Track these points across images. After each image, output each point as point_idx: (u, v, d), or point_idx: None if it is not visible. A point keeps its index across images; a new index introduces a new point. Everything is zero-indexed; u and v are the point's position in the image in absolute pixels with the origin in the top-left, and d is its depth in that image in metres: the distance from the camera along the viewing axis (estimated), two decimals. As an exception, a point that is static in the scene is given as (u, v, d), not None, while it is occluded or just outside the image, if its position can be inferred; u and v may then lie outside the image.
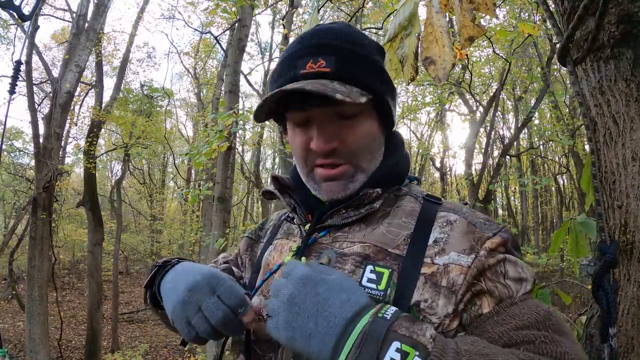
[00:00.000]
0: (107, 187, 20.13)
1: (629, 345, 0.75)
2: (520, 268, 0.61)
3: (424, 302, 0.59)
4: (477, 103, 8.53)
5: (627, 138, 0.78)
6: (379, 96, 0.67)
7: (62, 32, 14.24)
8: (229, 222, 5.44)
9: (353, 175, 0.68)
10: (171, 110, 17.24)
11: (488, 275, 0.59)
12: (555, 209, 17.09)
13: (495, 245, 0.61)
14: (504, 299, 0.58)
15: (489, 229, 0.64)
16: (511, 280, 0.60)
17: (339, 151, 0.66)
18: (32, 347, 5.76)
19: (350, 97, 0.60)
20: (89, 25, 6.78)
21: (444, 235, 0.64)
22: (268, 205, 13.72)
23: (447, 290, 0.59)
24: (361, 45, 0.68)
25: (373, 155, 0.70)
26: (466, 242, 0.62)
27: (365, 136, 0.67)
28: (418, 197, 0.72)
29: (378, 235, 0.66)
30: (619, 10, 0.78)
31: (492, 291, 0.59)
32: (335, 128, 0.66)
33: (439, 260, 0.61)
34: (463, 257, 0.61)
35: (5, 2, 1.31)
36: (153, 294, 0.75)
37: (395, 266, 0.62)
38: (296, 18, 9.43)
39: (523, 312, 0.56)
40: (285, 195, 0.76)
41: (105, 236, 10.76)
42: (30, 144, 12.22)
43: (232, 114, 3.60)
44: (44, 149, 6.21)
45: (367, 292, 0.59)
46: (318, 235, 0.70)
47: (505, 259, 0.61)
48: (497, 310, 0.57)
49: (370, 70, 0.66)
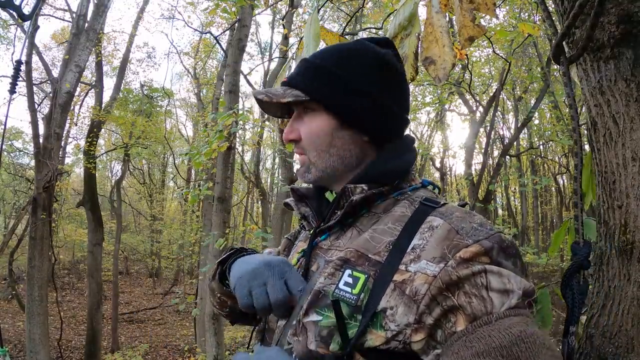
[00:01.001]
0: (107, 187, 20.13)
1: (629, 345, 0.75)
2: (507, 279, 0.56)
3: (389, 309, 0.59)
4: (477, 103, 8.54)
5: (627, 138, 0.78)
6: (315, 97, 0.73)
7: (62, 32, 14.24)
8: (229, 222, 5.44)
9: (308, 166, 0.77)
10: (171, 110, 17.25)
11: (465, 289, 0.56)
12: (555, 209, 17.10)
13: (470, 254, 0.57)
14: (479, 316, 0.54)
15: (473, 236, 0.60)
16: (495, 293, 0.55)
17: (299, 143, 0.78)
18: (32, 347, 5.76)
19: (274, 98, 0.73)
20: (89, 25, 6.78)
21: (422, 242, 0.62)
22: (268, 206, 13.72)
23: (408, 298, 0.58)
24: (324, 58, 0.76)
25: (318, 152, 0.75)
26: (439, 250, 0.59)
27: (311, 132, 0.75)
28: (414, 202, 0.71)
29: (362, 241, 0.68)
30: (619, 10, 0.78)
31: (465, 307, 0.55)
32: (298, 123, 0.78)
33: (411, 267, 0.60)
34: (430, 266, 0.58)
35: (5, 2, 1.31)
36: (222, 271, 0.84)
37: (372, 272, 0.63)
38: (296, 18, 9.43)
39: (492, 334, 0.51)
40: (302, 204, 0.83)
41: (105, 236, 10.77)
42: (30, 144, 12.23)
43: (232, 114, 3.60)
44: (44, 149, 6.21)
45: (342, 296, 0.62)
46: (319, 239, 0.75)
47: (485, 270, 0.56)
48: (468, 330, 0.54)
49: (314, 76, 0.74)
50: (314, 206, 0.81)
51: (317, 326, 0.63)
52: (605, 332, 0.79)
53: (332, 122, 0.74)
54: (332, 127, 0.74)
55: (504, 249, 0.59)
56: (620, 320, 0.77)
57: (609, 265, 0.82)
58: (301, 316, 0.66)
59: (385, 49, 0.77)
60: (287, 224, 9.60)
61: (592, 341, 0.81)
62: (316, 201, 0.82)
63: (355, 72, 0.74)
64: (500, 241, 0.60)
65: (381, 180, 0.72)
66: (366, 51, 0.76)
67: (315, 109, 0.75)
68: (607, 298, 0.80)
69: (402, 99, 0.78)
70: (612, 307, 0.79)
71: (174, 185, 22.28)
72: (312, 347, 0.62)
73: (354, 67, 0.74)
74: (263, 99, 0.74)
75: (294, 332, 0.66)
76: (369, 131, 0.75)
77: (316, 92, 0.73)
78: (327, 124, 0.74)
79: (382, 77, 0.75)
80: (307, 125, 0.76)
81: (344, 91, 0.73)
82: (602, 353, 0.79)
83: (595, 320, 0.82)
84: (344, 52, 0.77)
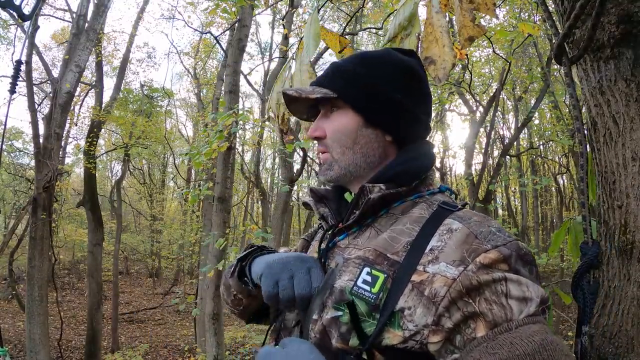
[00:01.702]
0: (107, 187, 20.13)
1: (629, 345, 0.75)
2: (525, 287, 0.57)
3: (407, 310, 0.60)
4: (477, 103, 8.54)
5: (627, 138, 0.78)
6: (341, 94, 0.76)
7: (62, 32, 14.24)
8: (229, 222, 5.44)
9: (331, 163, 0.79)
10: (171, 110, 17.25)
11: (485, 295, 0.56)
12: (555, 209, 17.10)
13: (490, 261, 0.58)
14: (500, 323, 0.55)
15: (491, 241, 0.61)
16: (514, 300, 0.56)
17: (323, 140, 0.80)
18: (32, 347, 5.76)
19: (303, 94, 0.77)
20: (89, 25, 6.78)
21: (440, 244, 0.63)
22: (268, 206, 13.73)
23: (427, 300, 0.59)
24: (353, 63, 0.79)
25: (342, 149, 0.77)
26: (458, 253, 0.60)
27: (336, 130, 0.78)
28: (432, 205, 0.72)
29: (381, 240, 0.69)
30: (619, 10, 0.78)
31: (486, 314, 0.56)
32: (323, 121, 0.81)
33: (430, 268, 0.61)
34: (450, 269, 0.59)
35: (5, 2, 1.31)
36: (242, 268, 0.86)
37: (391, 272, 0.64)
38: (296, 18, 9.43)
39: (514, 341, 0.52)
40: (321, 205, 0.84)
41: (105, 236, 10.76)
42: (30, 144, 12.23)
43: (232, 114, 3.60)
44: (44, 149, 6.21)
45: (360, 293, 0.64)
46: (338, 238, 0.77)
47: (505, 278, 0.57)
48: (489, 336, 0.54)
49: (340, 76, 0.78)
50: (332, 207, 0.83)
51: (337, 322, 0.64)
52: (605, 332, 0.79)
53: (358, 120, 0.77)
54: (357, 125, 0.77)
55: (521, 256, 0.61)
56: (620, 320, 0.77)
57: (609, 265, 0.81)
58: (322, 312, 0.67)
59: (409, 57, 0.81)
60: (287, 224, 9.60)
61: (592, 341, 0.81)
62: (335, 202, 0.84)
63: (382, 76, 0.78)
64: (518, 249, 0.61)
65: (399, 181, 0.73)
66: (392, 58, 0.80)
67: (342, 107, 0.78)
68: (607, 298, 0.80)
69: (425, 104, 0.81)
70: (612, 307, 0.79)
71: (174, 185, 22.28)
72: (333, 342, 0.64)
73: (381, 71, 0.78)
74: (292, 95, 0.78)
75: (314, 327, 0.67)
76: (392, 132, 0.77)
77: (344, 90, 0.76)
78: (353, 122, 0.77)
79: (406, 82, 0.78)
80: (333, 122, 0.79)
81: (370, 91, 0.76)
82: (602, 353, 0.78)
83: (595, 320, 0.82)
84: (372, 59, 0.80)
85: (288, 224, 9.58)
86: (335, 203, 0.84)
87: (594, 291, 0.78)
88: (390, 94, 0.76)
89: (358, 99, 0.76)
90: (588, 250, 0.81)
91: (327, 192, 0.86)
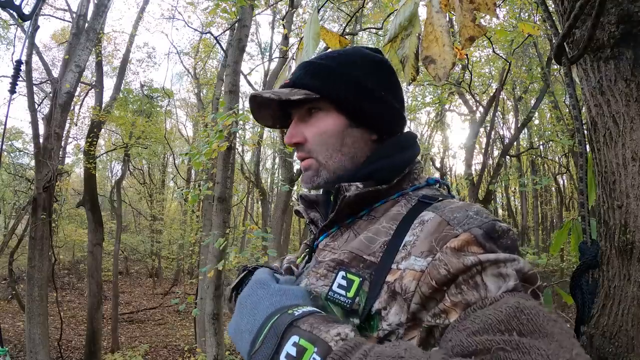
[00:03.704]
0: (107, 187, 20.12)
1: (629, 345, 0.75)
2: (503, 263, 0.51)
3: (383, 310, 0.57)
4: (477, 103, 8.53)
5: (627, 138, 0.78)
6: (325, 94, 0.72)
7: (62, 32, 14.26)
8: (229, 222, 5.44)
9: (317, 169, 0.74)
10: (171, 110, 17.25)
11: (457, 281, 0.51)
12: (555, 209, 17.09)
13: (459, 243, 0.54)
14: (473, 302, 0.50)
15: (465, 224, 0.56)
16: (490, 278, 0.51)
17: (303, 146, 0.75)
18: (32, 347, 5.75)
19: (281, 96, 0.70)
20: (89, 25, 6.78)
21: (413, 238, 0.60)
22: (268, 206, 13.72)
23: (400, 297, 0.56)
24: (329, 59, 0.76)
25: (330, 152, 0.73)
26: (427, 243, 0.57)
27: (320, 132, 0.73)
28: (411, 200, 0.69)
29: (357, 242, 0.66)
30: (618, 10, 0.78)
31: (459, 300, 0.51)
32: (301, 125, 0.76)
33: (402, 265, 0.58)
34: (419, 261, 0.56)
35: (5, 2, 1.31)
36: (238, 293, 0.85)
37: (367, 274, 0.60)
38: (296, 18, 9.43)
39: (486, 313, 0.46)
40: (312, 210, 0.83)
41: (105, 236, 10.76)
42: (30, 144, 12.23)
43: (232, 114, 3.60)
44: (44, 149, 6.20)
45: (335, 298, 0.60)
46: (318, 240, 0.75)
47: (480, 262, 0.51)
48: (461, 317, 0.49)
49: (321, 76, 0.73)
50: (322, 211, 0.82)
51: None
52: (605, 332, 0.79)
53: (343, 121, 0.73)
54: (343, 125, 0.73)
55: (496, 235, 0.55)
56: (620, 320, 0.77)
57: (609, 265, 0.81)
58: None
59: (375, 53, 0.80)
60: (287, 224, 9.60)
61: (592, 341, 0.81)
62: (324, 206, 0.82)
63: (362, 72, 0.75)
64: (492, 228, 0.55)
65: (377, 177, 0.70)
66: (365, 53, 0.78)
67: (324, 108, 0.74)
68: (607, 298, 0.80)
69: (400, 96, 0.79)
70: (612, 307, 0.79)
71: (174, 185, 22.27)
72: None
73: (360, 67, 0.75)
74: (270, 97, 0.71)
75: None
76: (377, 130, 0.75)
77: (328, 90, 0.72)
78: (339, 123, 0.73)
79: (383, 75, 0.76)
80: (314, 126, 0.74)
81: (355, 90, 0.73)
82: (602, 353, 0.78)
83: (595, 320, 0.82)
84: (346, 55, 0.77)
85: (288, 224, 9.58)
86: (324, 207, 0.82)
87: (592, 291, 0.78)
88: (374, 89, 0.73)
89: (342, 98, 0.72)
90: (587, 251, 0.81)
91: (317, 197, 0.85)
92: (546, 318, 0.44)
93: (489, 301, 0.48)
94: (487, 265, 0.51)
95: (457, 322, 0.49)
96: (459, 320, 0.49)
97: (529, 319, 0.43)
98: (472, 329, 0.45)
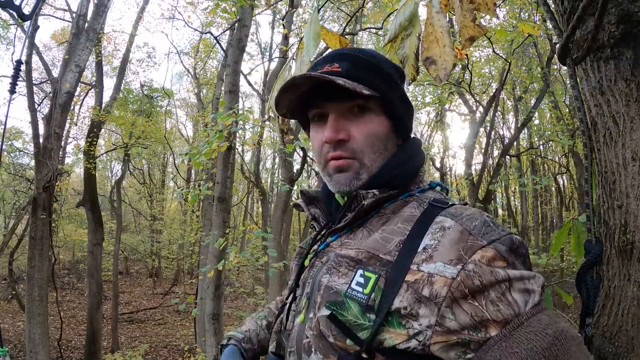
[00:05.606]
0: (107, 187, 20.11)
1: (629, 345, 0.75)
2: (527, 279, 0.58)
3: (404, 309, 0.59)
4: (477, 103, 8.54)
5: (627, 138, 0.78)
6: (385, 96, 0.71)
7: (62, 32, 14.25)
8: (229, 222, 5.44)
9: (358, 172, 0.72)
10: (171, 110, 17.24)
11: (491, 297, 0.56)
12: (555, 209, 17.09)
13: (488, 259, 0.58)
14: (510, 320, 0.55)
15: (486, 235, 0.60)
16: (518, 294, 0.57)
17: (346, 144, 0.71)
18: (32, 347, 5.75)
19: (353, 87, 0.66)
20: (89, 25, 6.78)
21: (434, 242, 0.62)
22: (268, 206, 13.72)
23: (429, 301, 0.58)
24: (375, 58, 0.74)
25: (376, 155, 0.72)
26: (454, 251, 0.59)
27: (370, 134, 0.71)
28: (423, 202, 0.71)
29: (372, 241, 0.68)
30: (618, 10, 0.78)
31: (496, 315, 0.55)
32: (345, 122, 0.72)
33: (424, 267, 0.60)
34: (448, 268, 0.58)
35: (5, 2, 1.31)
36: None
37: (383, 272, 0.63)
38: (296, 18, 9.42)
39: (530, 337, 0.54)
40: (312, 206, 0.83)
41: (105, 236, 10.76)
42: (30, 144, 12.22)
43: (232, 114, 3.60)
44: (44, 149, 6.20)
45: (353, 295, 0.63)
46: (330, 239, 0.76)
47: (509, 278, 0.57)
48: (504, 334, 0.54)
49: (378, 74, 0.72)
50: (323, 208, 0.82)
51: (328, 321, 0.65)
52: (605, 332, 0.79)
53: (389, 125, 0.74)
54: (388, 130, 0.74)
55: (516, 249, 0.61)
56: (620, 320, 0.77)
57: (609, 265, 0.81)
58: (316, 310, 0.67)
59: None
60: (287, 224, 9.60)
61: (592, 341, 0.81)
62: (325, 203, 0.83)
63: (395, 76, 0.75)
64: (512, 243, 0.61)
65: (392, 184, 0.72)
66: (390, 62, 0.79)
67: (374, 109, 0.72)
68: (607, 298, 0.80)
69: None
70: (612, 307, 0.79)
71: (174, 185, 22.27)
72: (330, 340, 0.64)
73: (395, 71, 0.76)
74: (343, 86, 0.65)
75: (310, 325, 0.68)
76: (403, 135, 0.77)
77: (386, 93, 0.71)
78: (384, 126, 0.73)
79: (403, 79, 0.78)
80: (365, 125, 0.72)
81: (398, 93, 0.74)
82: (602, 353, 0.78)
83: (595, 320, 0.82)
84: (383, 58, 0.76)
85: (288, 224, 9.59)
86: (325, 204, 0.83)
87: (597, 285, 0.80)
88: (404, 94, 0.75)
89: (395, 105, 0.72)
90: (592, 249, 0.82)
91: (318, 194, 0.85)
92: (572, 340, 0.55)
93: (524, 318, 0.55)
94: (514, 281, 0.57)
95: (500, 338, 0.55)
96: (502, 338, 0.54)
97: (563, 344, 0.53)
98: (521, 354, 0.53)
